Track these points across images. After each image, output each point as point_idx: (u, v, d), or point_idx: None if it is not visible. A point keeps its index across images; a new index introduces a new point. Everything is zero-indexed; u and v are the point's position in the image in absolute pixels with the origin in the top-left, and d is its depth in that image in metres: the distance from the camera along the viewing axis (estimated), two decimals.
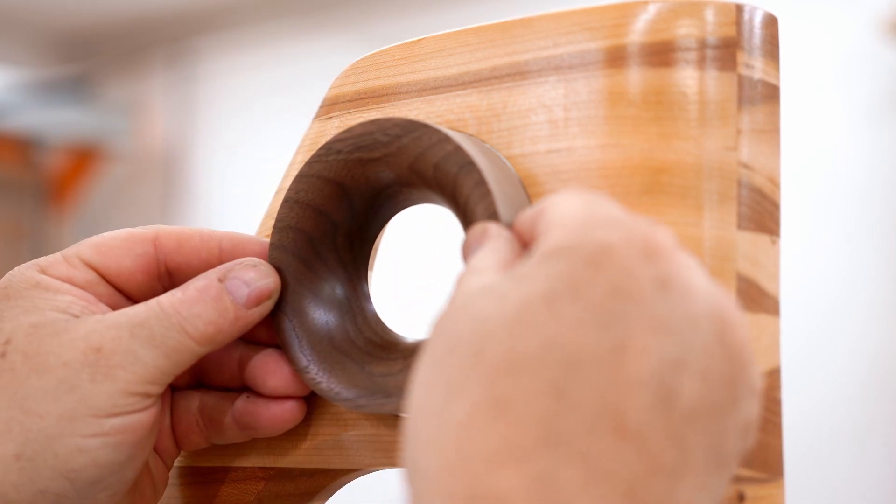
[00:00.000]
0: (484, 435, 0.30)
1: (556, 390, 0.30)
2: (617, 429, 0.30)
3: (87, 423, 0.41)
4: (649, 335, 0.31)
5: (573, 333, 0.31)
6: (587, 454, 0.29)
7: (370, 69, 0.46)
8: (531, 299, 0.32)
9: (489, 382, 0.31)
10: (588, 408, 0.30)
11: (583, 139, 0.41)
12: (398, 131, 0.43)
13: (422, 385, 0.33)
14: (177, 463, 0.50)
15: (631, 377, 0.30)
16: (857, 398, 1.85)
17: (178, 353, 0.43)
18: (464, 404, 0.31)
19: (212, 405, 0.47)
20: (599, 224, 0.33)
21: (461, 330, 0.32)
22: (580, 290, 0.31)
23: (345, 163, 0.44)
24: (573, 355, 0.30)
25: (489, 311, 0.32)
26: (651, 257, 0.33)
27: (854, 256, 1.91)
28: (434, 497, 0.30)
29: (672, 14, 0.40)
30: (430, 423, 0.31)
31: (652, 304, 0.32)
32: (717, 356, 0.32)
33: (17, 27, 2.94)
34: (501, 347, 0.31)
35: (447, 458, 0.30)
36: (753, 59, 0.40)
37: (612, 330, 0.31)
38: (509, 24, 0.43)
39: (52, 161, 2.85)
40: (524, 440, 0.29)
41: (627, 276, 0.32)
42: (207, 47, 2.85)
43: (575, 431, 0.30)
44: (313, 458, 0.46)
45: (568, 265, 0.32)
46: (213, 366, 0.47)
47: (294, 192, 0.45)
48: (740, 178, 0.40)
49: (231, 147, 2.80)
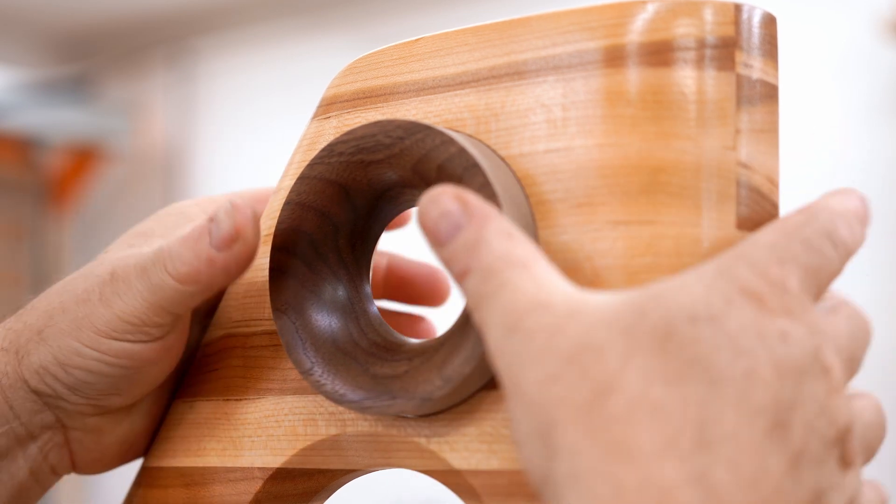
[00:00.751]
0: (646, 431, 0.33)
1: (702, 402, 0.33)
2: (750, 448, 0.33)
3: (88, 335, 0.46)
4: (770, 372, 0.34)
5: (714, 355, 0.34)
6: (733, 462, 0.32)
7: (368, 69, 0.46)
8: (674, 316, 0.34)
9: (643, 385, 0.33)
10: (728, 423, 0.33)
11: (581, 139, 0.41)
12: (401, 133, 0.43)
13: (555, 378, 0.34)
14: (174, 464, 0.50)
15: (755, 403, 0.33)
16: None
17: (162, 290, 0.45)
18: (621, 401, 0.33)
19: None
20: (744, 266, 0.36)
21: (598, 336, 0.34)
22: (717, 319, 0.34)
23: (347, 164, 0.44)
24: (715, 374, 0.33)
25: (631, 323, 0.34)
26: (779, 313, 0.35)
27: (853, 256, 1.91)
28: (597, 481, 0.32)
29: (670, 13, 0.40)
30: (579, 411, 0.33)
31: (773, 348, 0.34)
32: (816, 412, 0.34)
33: (17, 27, 2.94)
34: (652, 359, 0.34)
35: (608, 446, 0.33)
36: (752, 59, 0.40)
37: (743, 359, 0.34)
38: (507, 23, 0.43)
39: (52, 161, 2.85)
40: (682, 441, 0.32)
41: (756, 321, 0.34)
42: (207, 47, 2.85)
43: (720, 441, 0.33)
44: (312, 459, 0.46)
45: (707, 293, 0.35)
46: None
47: (296, 193, 0.45)
48: (739, 177, 0.40)
49: (231, 147, 2.80)
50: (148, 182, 2.92)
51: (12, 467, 0.49)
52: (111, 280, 0.46)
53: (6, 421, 0.48)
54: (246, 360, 0.48)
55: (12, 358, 0.47)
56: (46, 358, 0.47)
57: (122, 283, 0.46)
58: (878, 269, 1.94)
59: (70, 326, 0.46)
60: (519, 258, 0.37)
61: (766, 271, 0.36)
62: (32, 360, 0.47)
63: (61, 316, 0.47)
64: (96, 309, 0.46)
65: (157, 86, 2.93)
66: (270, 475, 0.47)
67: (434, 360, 0.42)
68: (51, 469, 0.50)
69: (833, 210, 0.38)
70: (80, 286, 0.47)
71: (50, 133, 2.76)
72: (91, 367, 0.46)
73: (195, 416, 0.50)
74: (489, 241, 0.37)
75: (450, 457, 0.42)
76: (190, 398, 0.50)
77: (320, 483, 0.47)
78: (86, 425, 0.49)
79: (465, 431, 0.42)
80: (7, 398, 0.47)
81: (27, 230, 2.86)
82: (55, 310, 0.47)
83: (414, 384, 0.42)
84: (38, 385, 0.47)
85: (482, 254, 0.37)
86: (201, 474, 0.49)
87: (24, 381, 0.47)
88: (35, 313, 0.48)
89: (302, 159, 0.48)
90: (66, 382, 0.47)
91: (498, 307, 0.36)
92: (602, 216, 0.40)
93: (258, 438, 0.47)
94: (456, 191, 0.38)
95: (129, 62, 2.96)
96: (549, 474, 0.34)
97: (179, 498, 0.49)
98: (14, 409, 0.48)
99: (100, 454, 0.50)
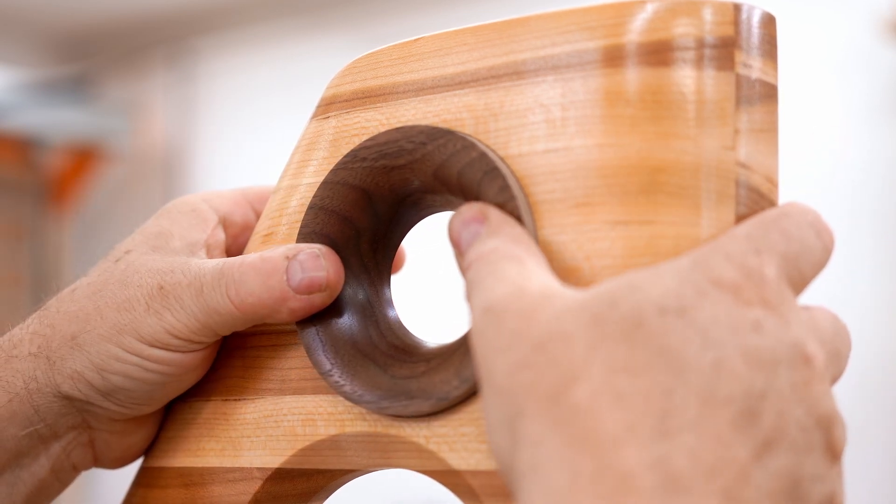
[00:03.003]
0: (606, 420, 0.33)
1: (666, 392, 0.33)
2: (712, 436, 0.33)
3: (131, 342, 0.46)
4: (740, 362, 0.34)
5: (682, 346, 0.34)
6: (693, 449, 0.32)
7: (367, 69, 0.46)
8: (643, 308, 0.35)
9: (607, 374, 0.34)
10: (691, 412, 0.33)
11: (580, 139, 0.41)
12: (423, 139, 0.43)
13: (523, 365, 0.35)
14: (173, 464, 0.50)
15: (722, 393, 0.33)
16: (855, 397, 1.85)
17: (218, 314, 0.45)
18: (585, 390, 0.33)
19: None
20: (720, 257, 0.36)
21: (567, 323, 0.35)
22: (687, 312, 0.34)
23: (370, 170, 0.45)
24: (681, 365, 0.34)
25: (601, 312, 0.35)
26: (755, 303, 0.35)
27: (852, 256, 1.91)
28: (555, 470, 0.33)
29: (670, 13, 0.40)
30: (544, 400, 0.34)
31: (745, 339, 0.34)
32: (792, 401, 0.34)
33: (17, 27, 2.94)
34: (619, 348, 0.34)
35: (570, 435, 0.33)
36: (751, 59, 0.40)
37: (712, 350, 0.34)
38: (506, 23, 0.43)
39: (52, 161, 2.85)
40: (642, 429, 0.33)
41: (730, 312, 0.35)
42: (207, 47, 2.85)
43: (681, 429, 0.33)
44: (311, 459, 0.46)
45: (680, 285, 0.35)
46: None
47: (319, 198, 0.46)
48: (738, 177, 0.40)
49: (231, 147, 2.80)
50: (148, 182, 2.92)
51: (34, 465, 0.49)
52: (160, 294, 0.46)
53: (30, 423, 0.47)
54: (245, 361, 0.48)
55: (43, 363, 0.47)
56: (83, 363, 0.46)
57: (172, 299, 0.46)
58: (879, 269, 1.94)
59: (110, 332, 0.46)
60: (515, 254, 0.38)
61: (742, 261, 0.36)
62: (66, 366, 0.47)
63: (99, 321, 0.46)
64: (143, 318, 0.46)
65: (157, 86, 2.92)
66: (269, 475, 0.47)
67: (451, 360, 0.42)
68: (72, 466, 0.50)
69: (804, 207, 0.39)
70: (121, 295, 0.46)
71: (50, 133, 2.75)
72: (130, 373, 0.46)
73: (194, 416, 0.49)
74: (495, 240, 0.39)
75: (449, 457, 0.42)
76: (189, 398, 0.50)
77: (319, 483, 0.47)
78: (112, 428, 0.49)
79: (463, 432, 0.42)
80: (34, 403, 0.47)
81: (27, 230, 2.86)
82: (90, 315, 0.47)
83: (431, 384, 0.42)
84: (70, 391, 0.47)
85: (485, 249, 0.38)
86: (200, 474, 0.49)
87: (56, 387, 0.47)
88: (65, 318, 0.47)
89: (301, 159, 0.48)
90: (100, 388, 0.47)
91: (481, 290, 0.37)
92: (601, 216, 0.40)
93: (257, 439, 0.47)
94: (481, 206, 0.40)
95: (129, 62, 2.96)
96: (513, 464, 0.34)
97: (178, 498, 0.49)
98: (39, 413, 0.47)
99: (122, 452, 0.50)
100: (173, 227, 0.49)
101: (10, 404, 0.47)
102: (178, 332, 0.46)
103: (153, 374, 0.46)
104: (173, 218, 0.50)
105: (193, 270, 0.46)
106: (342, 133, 0.47)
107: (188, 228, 0.49)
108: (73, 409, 0.48)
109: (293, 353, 0.47)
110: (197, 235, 0.49)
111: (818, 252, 0.38)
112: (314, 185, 0.47)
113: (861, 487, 1.87)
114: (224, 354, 0.49)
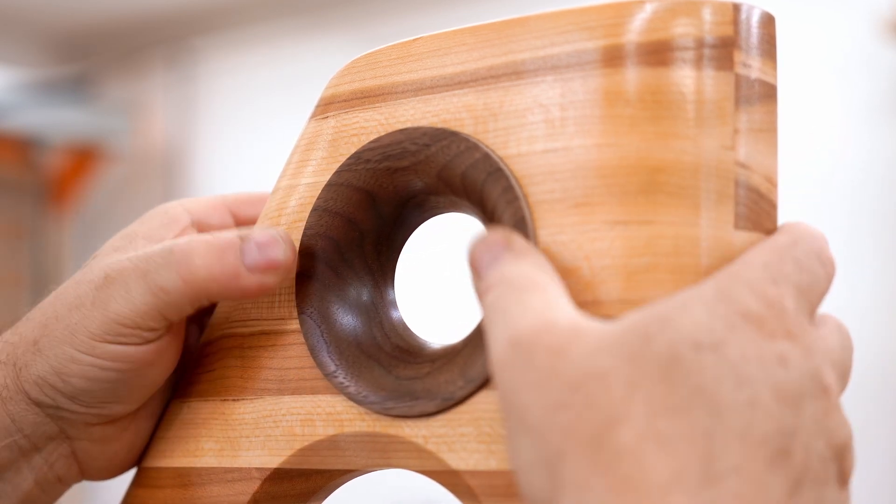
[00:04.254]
0: (653, 465, 0.32)
1: (707, 434, 0.33)
2: (753, 479, 0.33)
3: (83, 340, 0.45)
4: (771, 399, 0.34)
5: (717, 385, 0.33)
6: (739, 495, 0.32)
7: (366, 69, 0.46)
8: (678, 344, 0.34)
9: (649, 416, 0.33)
10: (732, 455, 0.33)
11: (580, 139, 0.40)
12: (427, 140, 0.43)
13: (560, 406, 0.34)
14: (171, 464, 0.49)
15: (758, 432, 0.33)
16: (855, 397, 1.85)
17: (166, 293, 0.45)
18: (629, 432, 0.33)
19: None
20: (743, 288, 0.36)
21: (603, 362, 0.34)
22: (720, 347, 0.34)
23: (373, 172, 0.45)
24: (718, 404, 0.33)
25: (636, 349, 0.34)
26: (778, 336, 0.35)
27: (852, 256, 1.91)
28: None
29: (669, 13, 0.40)
30: (586, 443, 0.33)
31: (773, 374, 0.34)
32: (815, 434, 0.34)
33: (17, 27, 2.94)
34: (658, 388, 0.33)
35: (616, 480, 0.32)
36: (751, 59, 0.40)
37: (745, 388, 0.34)
38: (505, 23, 0.43)
39: (52, 161, 2.85)
40: (689, 475, 0.32)
41: (758, 346, 0.34)
42: (207, 47, 2.85)
43: (726, 474, 0.32)
44: (309, 459, 0.46)
45: (711, 319, 0.34)
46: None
47: (323, 200, 0.46)
48: (737, 177, 0.40)
49: (231, 147, 2.80)
50: (148, 182, 2.92)
51: (17, 479, 0.48)
52: (105, 283, 0.46)
53: (8, 434, 0.47)
54: (243, 361, 0.48)
55: (10, 370, 0.47)
56: (44, 368, 0.46)
57: (117, 286, 0.45)
58: (878, 269, 1.94)
59: (64, 334, 0.46)
60: (539, 282, 0.38)
61: (763, 292, 0.36)
62: (31, 372, 0.47)
63: (55, 324, 0.46)
64: (89, 313, 0.45)
65: (157, 86, 2.93)
66: (268, 475, 0.47)
67: (456, 361, 0.43)
68: (57, 479, 0.49)
69: (812, 232, 0.39)
70: (72, 293, 0.46)
71: (50, 133, 2.76)
72: (87, 374, 0.46)
73: (192, 417, 0.49)
74: (520, 266, 0.38)
75: (448, 457, 0.42)
76: (187, 398, 0.50)
77: (318, 483, 0.47)
78: (91, 435, 0.49)
79: (463, 432, 0.42)
80: (9, 411, 0.47)
81: (27, 230, 2.86)
82: (49, 319, 0.47)
83: (436, 385, 0.42)
84: (38, 396, 0.47)
85: (509, 273, 0.38)
86: (198, 475, 0.49)
87: (25, 393, 0.47)
88: (31, 324, 0.47)
89: (300, 159, 0.48)
90: (64, 392, 0.47)
91: (506, 320, 0.36)
92: (600, 216, 0.40)
93: (255, 439, 0.47)
94: (505, 232, 0.39)
95: (129, 62, 2.96)
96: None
97: (177, 498, 0.49)
98: (16, 422, 0.47)
99: (107, 462, 0.50)
100: (140, 228, 0.50)
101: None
102: (125, 320, 0.45)
103: (109, 371, 0.46)
104: (143, 221, 0.50)
105: (140, 255, 0.46)
106: (341, 133, 0.47)
107: (155, 229, 0.49)
108: (46, 418, 0.47)
109: (291, 353, 0.47)
110: (163, 234, 0.49)
111: (823, 282, 0.38)
112: (313, 185, 0.47)
113: (861, 487, 1.87)
114: (222, 354, 0.49)
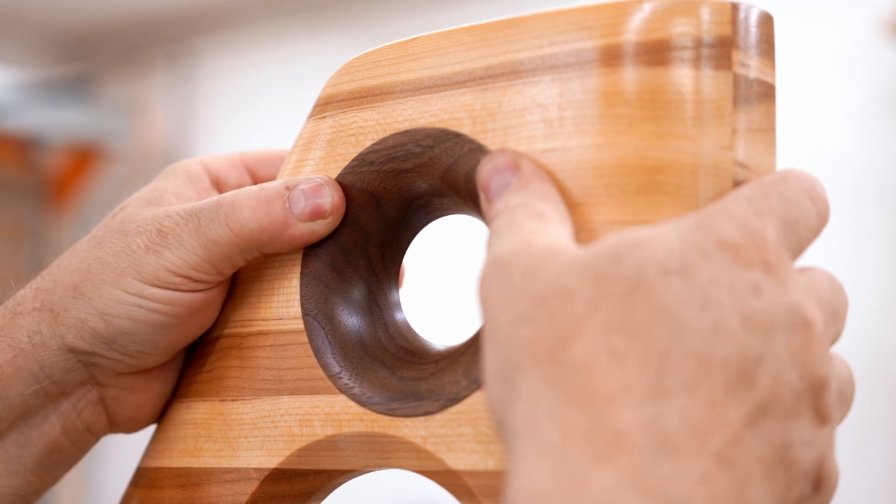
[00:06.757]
0: (602, 379, 0.33)
1: (663, 353, 0.33)
2: (706, 399, 0.33)
3: (132, 282, 0.46)
4: (738, 325, 0.34)
5: (681, 308, 0.34)
6: (687, 411, 0.33)
7: (364, 68, 0.46)
8: (646, 267, 0.34)
9: (605, 333, 0.34)
10: (686, 374, 0.33)
11: (578, 138, 0.40)
12: (430, 142, 0.43)
13: (524, 320, 0.35)
14: (170, 464, 0.49)
15: (718, 356, 0.33)
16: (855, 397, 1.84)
17: (217, 244, 0.46)
18: (582, 348, 0.33)
19: None
20: (724, 218, 0.36)
21: (570, 280, 0.35)
22: (689, 272, 0.34)
23: (377, 174, 0.45)
24: (679, 326, 0.34)
25: (603, 270, 0.35)
26: (755, 264, 0.35)
27: (851, 255, 1.91)
28: (548, 427, 0.33)
29: (667, 13, 0.40)
30: (542, 357, 0.34)
31: (744, 300, 0.34)
32: (788, 365, 0.34)
33: (17, 27, 2.94)
34: (619, 307, 0.34)
35: (565, 392, 0.33)
36: (749, 58, 0.40)
37: (710, 312, 0.34)
38: (504, 23, 0.43)
39: (52, 161, 2.85)
40: (637, 389, 0.33)
41: (730, 273, 0.35)
42: (207, 47, 2.85)
43: (676, 391, 0.33)
44: (308, 459, 0.46)
45: (683, 245, 0.35)
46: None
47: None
48: (736, 177, 0.39)
49: (231, 147, 2.79)
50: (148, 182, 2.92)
51: (44, 425, 0.49)
52: (159, 236, 0.46)
53: (36, 381, 0.48)
54: (242, 361, 0.48)
55: (47, 316, 0.47)
56: (86, 311, 0.47)
57: (172, 238, 0.46)
58: (878, 268, 1.94)
59: (111, 276, 0.47)
60: (539, 210, 0.38)
61: (745, 223, 0.36)
62: (70, 315, 0.47)
63: (99, 269, 0.47)
64: (143, 258, 0.46)
65: (157, 86, 2.93)
66: (267, 476, 0.47)
67: (460, 361, 0.43)
68: (86, 428, 0.50)
69: (803, 173, 0.39)
70: (120, 242, 0.47)
71: (50, 133, 2.76)
72: (133, 315, 0.47)
73: (191, 417, 0.49)
74: (523, 195, 0.39)
75: (446, 457, 0.42)
76: (186, 398, 0.50)
77: (317, 484, 0.47)
78: (121, 383, 0.49)
79: (461, 432, 0.42)
80: (38, 357, 0.47)
81: (27, 230, 2.86)
82: (91, 265, 0.47)
83: (440, 385, 0.43)
84: (74, 341, 0.47)
85: (512, 203, 0.39)
86: (197, 475, 0.49)
87: (61, 338, 0.47)
88: (66, 271, 0.48)
89: (298, 159, 0.48)
90: (104, 335, 0.47)
91: (496, 243, 0.37)
92: (599, 216, 0.40)
93: (254, 439, 0.47)
94: (514, 154, 0.40)
95: (129, 62, 2.96)
96: (506, 418, 0.34)
97: (176, 498, 0.49)
98: (45, 369, 0.47)
99: (134, 412, 0.50)
100: (167, 185, 0.50)
101: (14, 360, 0.47)
102: (179, 269, 0.46)
103: (156, 314, 0.47)
104: (168, 178, 0.51)
105: (189, 209, 0.47)
106: (339, 133, 0.47)
107: (182, 186, 0.50)
108: (78, 364, 0.48)
109: (290, 353, 0.47)
110: (190, 193, 0.50)
111: (813, 218, 0.38)
112: None
113: (861, 487, 1.87)
114: (221, 355, 0.49)
